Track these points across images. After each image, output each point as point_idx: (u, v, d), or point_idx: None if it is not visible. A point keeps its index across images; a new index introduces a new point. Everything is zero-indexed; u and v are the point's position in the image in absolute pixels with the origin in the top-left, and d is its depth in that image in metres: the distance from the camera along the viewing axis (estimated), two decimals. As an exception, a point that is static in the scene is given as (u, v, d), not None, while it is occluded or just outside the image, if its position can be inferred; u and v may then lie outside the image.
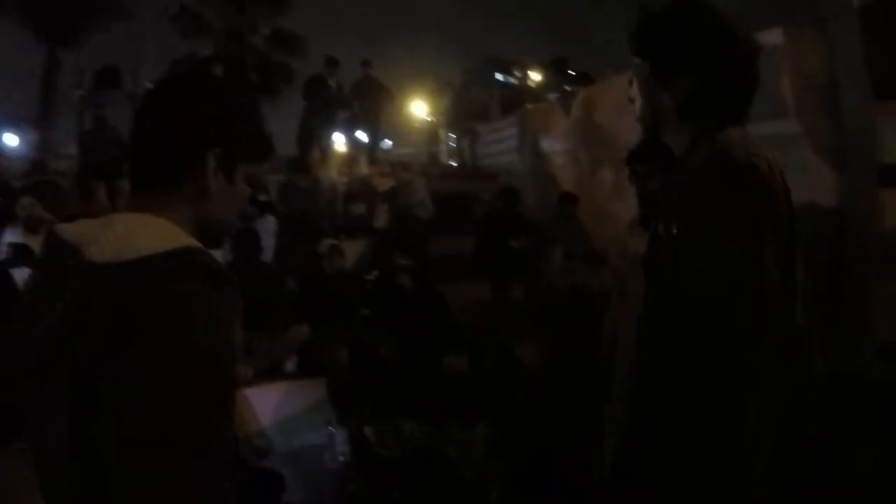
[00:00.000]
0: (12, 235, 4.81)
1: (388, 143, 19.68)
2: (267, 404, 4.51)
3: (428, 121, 22.42)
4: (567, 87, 10.03)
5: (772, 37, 5.68)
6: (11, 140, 17.65)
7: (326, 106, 9.69)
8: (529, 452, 3.88)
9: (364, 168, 9.26)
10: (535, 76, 24.47)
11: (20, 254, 3.86)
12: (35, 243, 4.16)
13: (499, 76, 24.34)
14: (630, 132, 7.20)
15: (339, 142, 10.55)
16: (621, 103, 6.94)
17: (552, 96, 11.03)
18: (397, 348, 4.67)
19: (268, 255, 6.18)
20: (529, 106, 10.24)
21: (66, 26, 16.26)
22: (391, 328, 4.85)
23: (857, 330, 4.93)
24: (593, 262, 6.94)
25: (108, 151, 8.36)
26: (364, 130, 10.71)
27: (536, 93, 19.48)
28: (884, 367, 4.81)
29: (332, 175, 9.18)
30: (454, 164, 14.43)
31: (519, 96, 19.87)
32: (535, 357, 4.73)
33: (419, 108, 24.60)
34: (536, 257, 5.88)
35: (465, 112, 14.58)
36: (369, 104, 10.60)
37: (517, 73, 25.29)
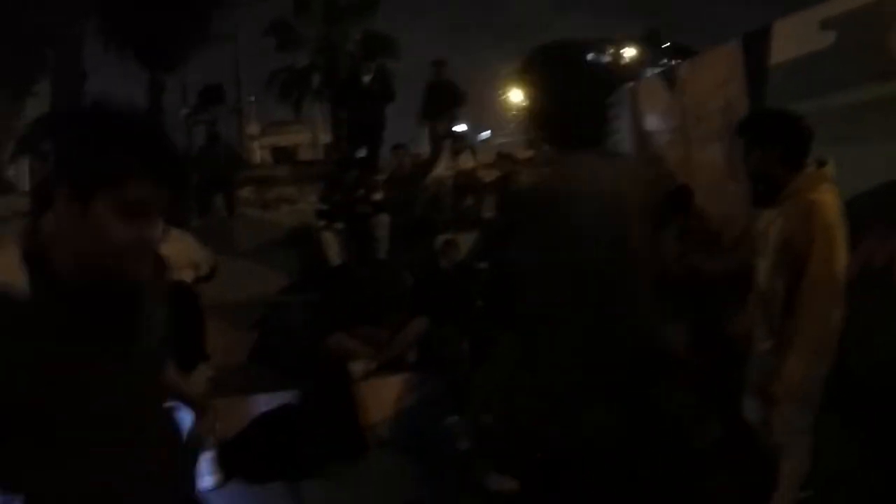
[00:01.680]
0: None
1: (486, 133, 19.73)
2: (389, 395, 4.66)
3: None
4: (664, 61, 9.71)
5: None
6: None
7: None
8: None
9: (470, 161, 9.22)
10: (630, 53, 23.83)
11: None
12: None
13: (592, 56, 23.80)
14: (736, 105, 6.92)
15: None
16: (723, 77, 6.67)
17: (649, 71, 10.68)
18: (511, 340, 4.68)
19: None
20: (630, 84, 9.97)
21: (167, 54, 17.09)
22: (503, 320, 4.86)
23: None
24: (708, 243, 6.71)
25: (223, 165, 8.78)
26: (430, 130, 10.51)
27: (632, 69, 18.94)
28: None
29: (440, 170, 9.24)
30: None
31: (614, 75, 19.36)
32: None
33: (516, 96, 24.53)
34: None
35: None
36: (438, 106, 10.23)
37: (610, 52, 24.71)
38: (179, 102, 19.21)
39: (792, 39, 6.34)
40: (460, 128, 10.34)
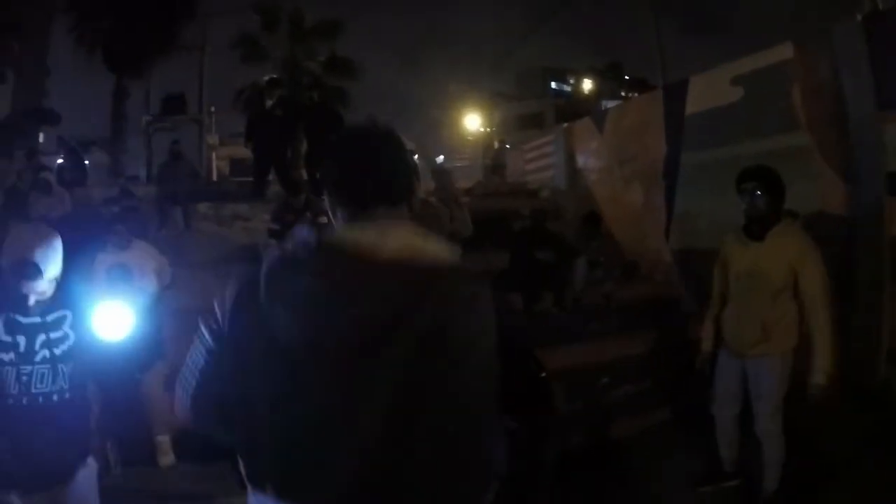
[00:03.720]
0: (108, 256, 5.43)
1: (440, 158, 20.14)
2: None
3: (482, 133, 22.69)
4: (623, 93, 10.24)
5: (782, 52, 6.07)
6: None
7: None
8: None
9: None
10: (589, 84, 24.43)
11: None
12: (124, 259, 5.05)
13: (553, 85, 24.34)
14: (654, 150, 7.61)
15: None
16: (647, 121, 7.34)
17: (607, 103, 11.23)
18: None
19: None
20: (565, 125, 10.63)
21: (134, 59, 17.22)
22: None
23: (869, 335, 5.15)
24: (622, 272, 7.34)
25: (184, 181, 9.29)
26: None
27: (591, 100, 19.49)
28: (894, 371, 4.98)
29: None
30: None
31: (573, 104, 19.89)
32: (563, 361, 5.07)
33: (472, 121, 25.13)
34: (562, 269, 6.29)
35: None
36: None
37: (571, 81, 25.22)
38: (142, 109, 19.36)
39: (706, 93, 7.07)
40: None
